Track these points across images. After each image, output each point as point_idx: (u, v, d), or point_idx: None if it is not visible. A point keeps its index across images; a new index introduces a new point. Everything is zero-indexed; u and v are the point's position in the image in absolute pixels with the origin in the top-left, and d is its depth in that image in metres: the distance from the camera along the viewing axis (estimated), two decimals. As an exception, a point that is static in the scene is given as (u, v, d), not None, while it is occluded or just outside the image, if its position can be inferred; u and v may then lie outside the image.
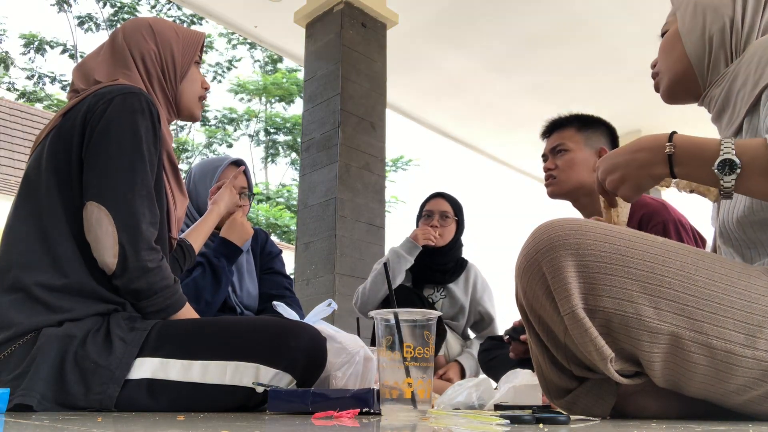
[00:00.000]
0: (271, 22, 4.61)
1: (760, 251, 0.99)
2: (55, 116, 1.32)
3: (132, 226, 1.18)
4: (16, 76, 15.10)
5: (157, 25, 1.43)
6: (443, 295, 2.62)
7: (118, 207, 1.18)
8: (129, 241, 1.17)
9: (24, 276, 1.17)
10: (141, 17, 1.48)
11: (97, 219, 1.17)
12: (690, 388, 0.89)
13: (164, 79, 1.41)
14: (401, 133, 12.85)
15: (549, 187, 1.93)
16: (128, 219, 1.18)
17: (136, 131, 1.22)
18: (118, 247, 1.16)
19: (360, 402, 1.01)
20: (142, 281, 1.20)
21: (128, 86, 1.28)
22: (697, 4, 1.11)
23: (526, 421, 0.81)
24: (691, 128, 1.12)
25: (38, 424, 0.78)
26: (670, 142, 0.89)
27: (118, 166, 1.20)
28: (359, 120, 3.75)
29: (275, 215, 12.60)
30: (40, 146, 1.29)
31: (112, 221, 1.17)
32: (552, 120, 2.01)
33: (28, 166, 1.30)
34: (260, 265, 2.12)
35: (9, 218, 1.27)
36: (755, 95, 0.98)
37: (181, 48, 1.43)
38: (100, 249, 1.18)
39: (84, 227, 1.20)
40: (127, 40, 1.39)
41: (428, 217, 2.62)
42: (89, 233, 1.19)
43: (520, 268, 0.93)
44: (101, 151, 1.21)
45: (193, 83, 1.47)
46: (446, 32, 4.69)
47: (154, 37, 1.40)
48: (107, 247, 1.17)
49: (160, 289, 1.22)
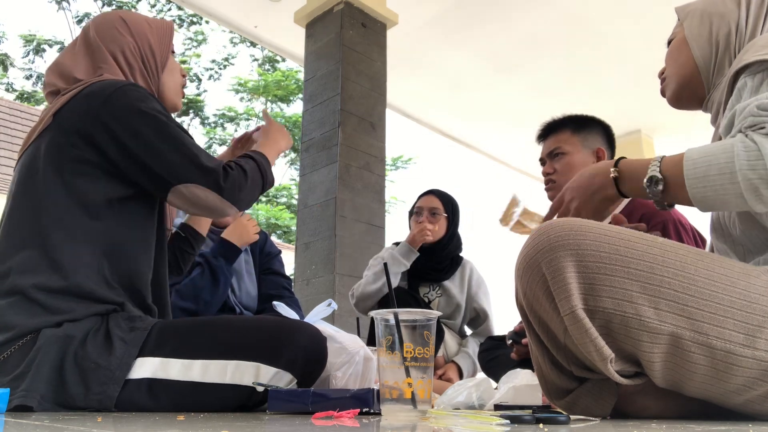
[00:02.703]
0: (271, 22, 4.61)
1: (752, 249, 1.00)
2: (44, 116, 1.29)
3: (213, 175, 1.26)
4: (15, 77, 15.12)
5: (129, 18, 1.41)
6: (439, 293, 2.62)
7: (195, 173, 1.24)
8: (220, 184, 1.26)
9: (22, 278, 1.16)
10: (108, 12, 1.46)
11: (191, 195, 1.25)
12: (690, 388, 0.89)
13: (146, 72, 1.40)
14: (401, 132, 12.84)
15: (549, 192, 1.94)
16: (207, 174, 1.25)
17: (155, 114, 1.26)
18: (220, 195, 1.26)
19: (360, 402, 1.01)
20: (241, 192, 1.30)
21: (118, 80, 1.29)
22: (704, 11, 1.16)
23: (526, 421, 0.81)
24: (692, 128, 1.12)
25: (38, 424, 0.78)
26: (615, 167, 1.03)
27: (166, 147, 1.24)
28: (359, 120, 3.75)
29: (275, 215, 12.60)
30: (32, 147, 1.27)
31: (202, 186, 1.25)
32: (547, 123, 2.01)
33: (21, 167, 1.28)
34: (259, 266, 2.13)
35: (3, 220, 1.26)
36: (730, 76, 1.02)
37: (156, 39, 1.42)
38: (218, 214, 1.29)
39: (186, 210, 1.31)
40: (101, 37, 1.36)
41: (418, 214, 2.64)
42: (197, 209, 1.29)
43: (520, 268, 0.93)
44: (144, 146, 1.23)
45: (173, 72, 1.47)
46: (446, 32, 4.69)
47: (129, 30, 1.39)
48: (219, 207, 1.27)
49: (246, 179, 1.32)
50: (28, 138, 1.32)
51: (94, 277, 1.20)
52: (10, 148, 10.39)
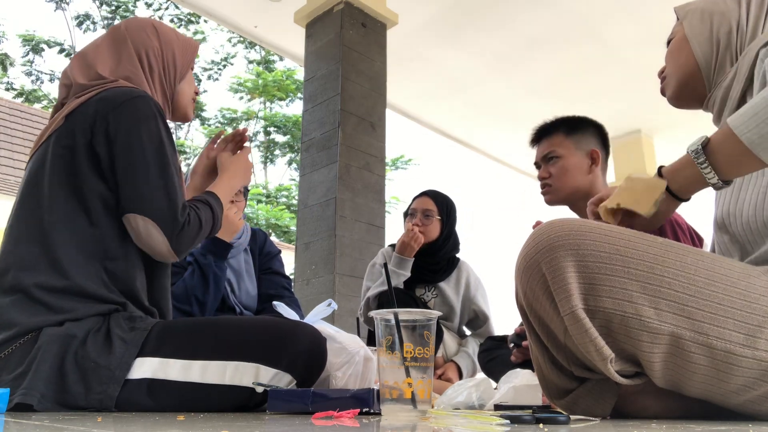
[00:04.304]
0: (271, 22, 4.61)
1: (759, 243, 0.99)
2: (57, 116, 1.31)
3: (176, 226, 1.24)
4: (15, 76, 15.12)
5: (159, 26, 1.46)
6: (435, 295, 2.61)
7: (163, 216, 1.23)
8: (176, 235, 1.25)
9: (24, 277, 1.17)
10: (142, 18, 1.51)
11: (145, 230, 1.23)
12: (690, 389, 0.89)
13: (164, 77, 1.43)
14: (401, 132, 12.84)
15: (546, 196, 1.94)
16: (172, 223, 1.24)
17: (155, 137, 1.26)
18: (169, 244, 1.24)
19: (360, 402, 1.01)
20: (190, 243, 1.29)
21: (133, 90, 1.29)
22: (704, 10, 1.15)
23: (526, 421, 0.81)
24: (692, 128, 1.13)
25: (38, 424, 0.78)
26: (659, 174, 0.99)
27: (150, 176, 1.24)
28: (359, 120, 3.75)
29: (275, 215, 12.60)
30: (43, 147, 1.29)
31: (160, 230, 1.23)
32: (539, 127, 2.01)
33: (30, 168, 1.30)
34: (259, 265, 2.12)
35: (10, 219, 1.28)
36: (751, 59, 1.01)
37: (181, 50, 1.46)
38: (156, 255, 1.27)
39: (132, 235, 1.26)
40: (131, 36, 1.40)
41: (412, 215, 2.63)
42: (140, 241, 1.25)
43: (520, 268, 0.93)
44: (130, 164, 1.23)
45: (190, 85, 1.51)
46: (446, 32, 4.70)
47: (157, 35, 1.43)
48: (163, 251, 1.25)
49: (199, 232, 1.31)
50: (39, 138, 1.33)
51: (94, 279, 1.20)
52: (10, 147, 10.38)
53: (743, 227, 1.02)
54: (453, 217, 2.66)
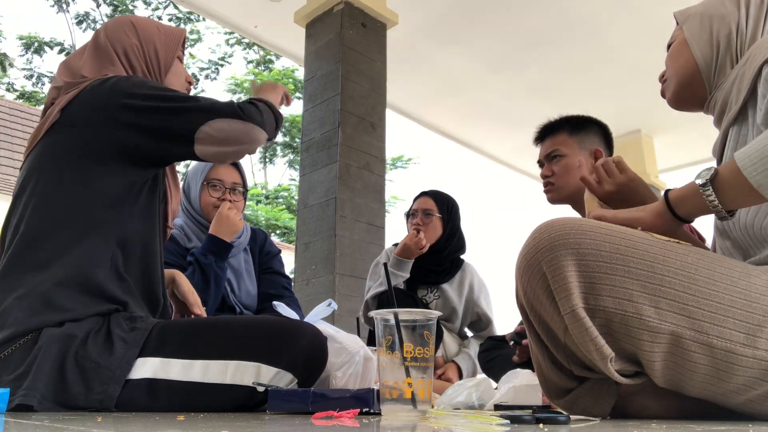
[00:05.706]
0: (271, 22, 4.61)
1: (759, 247, 1.00)
2: (51, 112, 1.31)
3: (232, 106, 1.31)
4: (15, 77, 15.12)
5: (138, 22, 1.46)
6: (437, 296, 2.59)
7: (217, 108, 1.29)
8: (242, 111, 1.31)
9: (25, 276, 1.17)
10: (122, 16, 1.51)
11: (217, 131, 1.28)
12: (690, 388, 0.89)
13: (149, 73, 1.43)
14: (401, 132, 12.84)
15: (548, 194, 1.94)
16: (229, 106, 1.30)
17: (158, 85, 1.34)
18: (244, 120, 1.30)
19: (360, 402, 1.01)
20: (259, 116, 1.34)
21: (118, 75, 1.33)
22: (704, 13, 1.16)
23: (526, 421, 0.81)
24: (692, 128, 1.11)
25: (38, 424, 0.77)
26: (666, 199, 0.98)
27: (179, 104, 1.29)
28: (359, 120, 3.75)
29: (275, 215, 12.59)
30: (41, 144, 1.29)
31: (227, 117, 1.29)
32: (543, 125, 2.01)
33: (28, 166, 1.29)
34: (259, 265, 2.12)
35: (7, 218, 1.27)
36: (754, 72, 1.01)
37: (163, 42, 1.46)
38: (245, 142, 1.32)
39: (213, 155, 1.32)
40: (110, 38, 1.41)
41: (413, 216, 2.62)
42: (225, 146, 1.30)
43: (520, 267, 0.93)
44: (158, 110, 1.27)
45: (178, 77, 1.50)
46: (446, 32, 4.70)
47: (136, 32, 1.43)
48: (247, 131, 1.31)
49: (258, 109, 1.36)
50: (34, 137, 1.33)
51: (106, 269, 1.21)
52: (10, 148, 10.38)
53: (742, 232, 1.02)
54: (455, 215, 2.64)
